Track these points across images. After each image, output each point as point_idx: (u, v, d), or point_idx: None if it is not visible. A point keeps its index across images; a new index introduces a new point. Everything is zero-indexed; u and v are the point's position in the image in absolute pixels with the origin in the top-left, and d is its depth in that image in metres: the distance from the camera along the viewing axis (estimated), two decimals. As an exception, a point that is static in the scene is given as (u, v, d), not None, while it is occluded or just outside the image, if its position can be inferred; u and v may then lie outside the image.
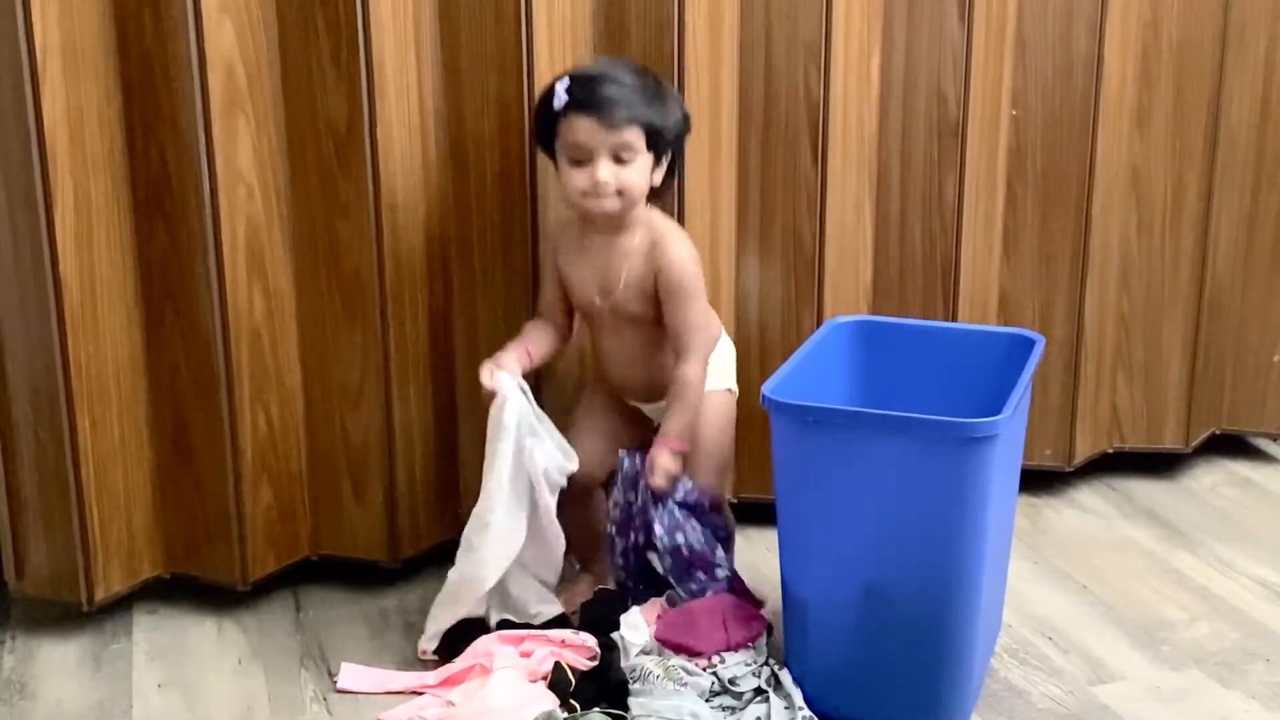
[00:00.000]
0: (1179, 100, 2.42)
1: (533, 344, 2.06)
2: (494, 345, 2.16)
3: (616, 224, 2.01)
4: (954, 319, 2.36)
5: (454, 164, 2.12)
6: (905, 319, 2.29)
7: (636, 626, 1.96)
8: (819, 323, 2.27)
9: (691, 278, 2.01)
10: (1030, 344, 1.99)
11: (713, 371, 2.08)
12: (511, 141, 2.11)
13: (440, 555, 2.25)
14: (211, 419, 2.06)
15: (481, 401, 2.06)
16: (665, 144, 1.99)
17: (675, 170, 2.06)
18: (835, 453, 1.78)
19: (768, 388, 1.82)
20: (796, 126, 2.23)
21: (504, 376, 1.98)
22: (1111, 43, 2.33)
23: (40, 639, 2.09)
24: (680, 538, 1.97)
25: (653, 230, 2.02)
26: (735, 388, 2.14)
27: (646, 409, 2.14)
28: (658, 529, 1.97)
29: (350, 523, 2.18)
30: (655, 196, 2.05)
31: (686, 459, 2.03)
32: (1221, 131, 2.46)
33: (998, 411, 1.74)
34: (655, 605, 2.07)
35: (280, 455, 2.12)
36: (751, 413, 2.24)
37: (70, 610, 2.08)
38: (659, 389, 2.07)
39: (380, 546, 2.18)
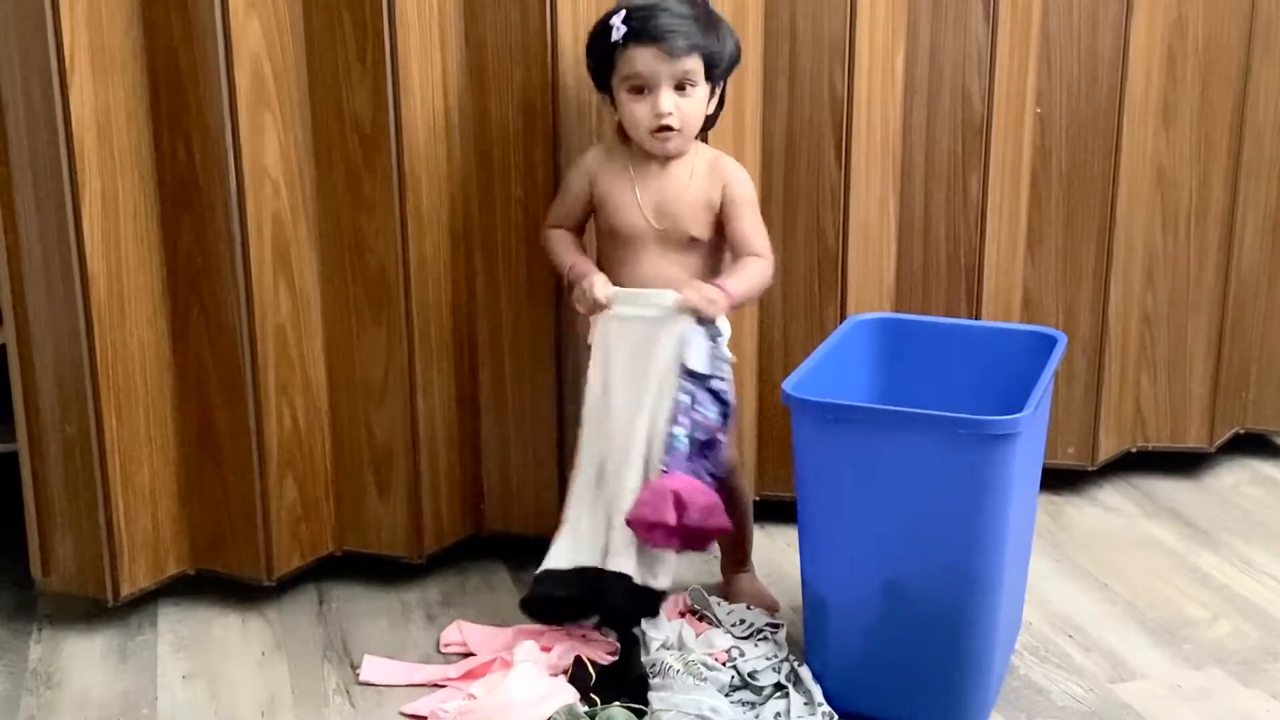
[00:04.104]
0: (1205, 98, 2.42)
1: (583, 253, 2.05)
2: (518, 342, 2.18)
3: (674, 152, 2.02)
4: (977, 316, 2.36)
5: (479, 161, 2.13)
6: (927, 316, 2.29)
7: (656, 621, 1.97)
8: (842, 319, 2.27)
9: (752, 191, 2.03)
10: (1052, 342, 1.99)
11: None
12: (536, 139, 2.12)
13: (464, 550, 2.26)
14: (237, 415, 2.08)
15: (507, 399, 2.09)
16: (720, 73, 2.00)
17: (722, 102, 2.06)
18: (856, 450, 1.78)
19: (789, 384, 1.82)
20: (820, 123, 2.23)
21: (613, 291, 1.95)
22: (1137, 40, 2.33)
23: (66, 631, 2.11)
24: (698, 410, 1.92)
25: (707, 153, 2.05)
26: (732, 355, 2.09)
27: None
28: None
29: (374, 518, 2.19)
30: (707, 127, 2.06)
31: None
32: (1247, 129, 2.45)
33: (1020, 409, 1.74)
34: (676, 601, 2.07)
35: (305, 451, 2.14)
36: (773, 409, 2.26)
37: (96, 603, 2.10)
38: None
39: (404, 542, 2.19)
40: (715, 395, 1.93)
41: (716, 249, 2.04)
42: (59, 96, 1.88)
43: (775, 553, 2.28)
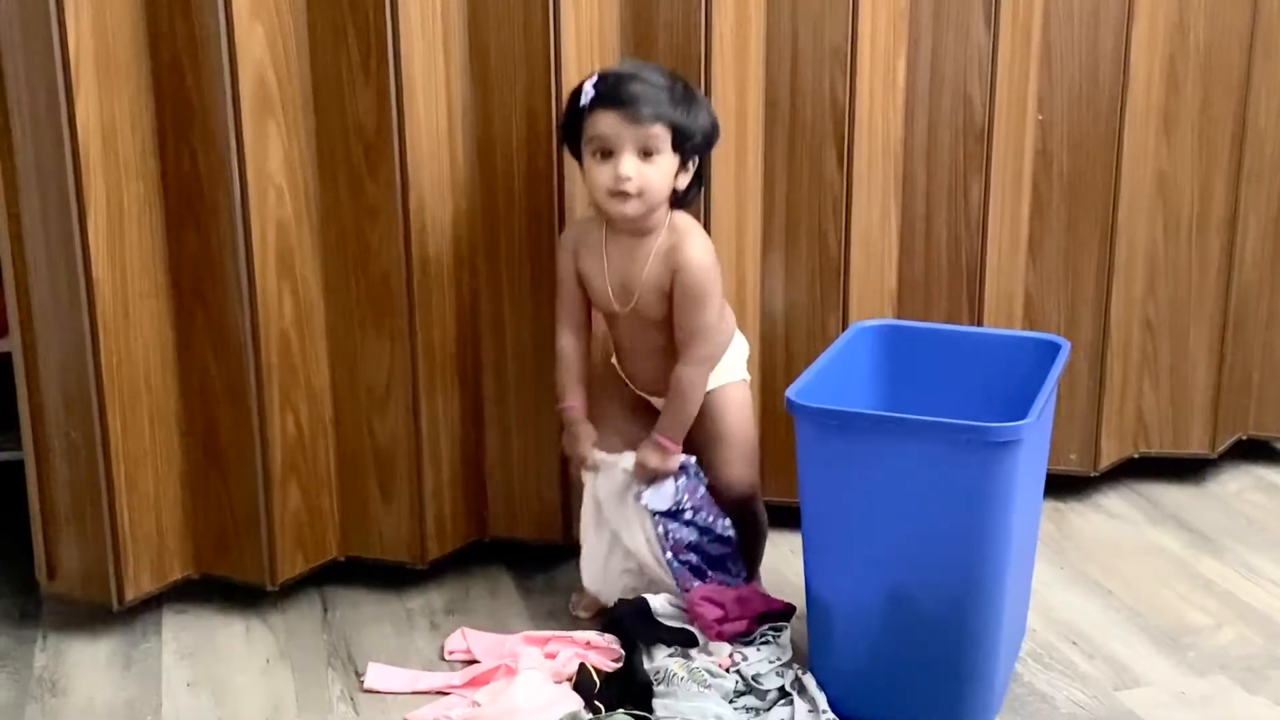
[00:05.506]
0: (1206, 104, 2.42)
1: (581, 390, 2.09)
2: (520, 347, 2.19)
3: (639, 227, 2.01)
4: (979, 323, 2.36)
5: (482, 168, 2.14)
6: (931, 323, 2.29)
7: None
8: (844, 326, 2.27)
9: (708, 281, 2.00)
10: (1056, 349, 1.99)
11: (726, 366, 2.09)
12: (539, 146, 2.12)
13: (467, 557, 2.26)
14: (241, 421, 2.08)
15: (510, 405, 2.15)
16: (691, 147, 1.98)
17: (702, 179, 2.06)
18: (860, 457, 1.78)
19: (792, 391, 1.82)
20: (822, 131, 2.24)
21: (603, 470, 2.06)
22: (1138, 47, 2.33)
23: (71, 638, 2.11)
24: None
25: (674, 231, 2.01)
26: (748, 375, 2.15)
27: (658, 402, 2.11)
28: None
29: (378, 524, 2.19)
30: (681, 204, 2.04)
31: (720, 456, 2.07)
32: (1249, 136, 2.45)
33: (1023, 416, 1.74)
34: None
35: (308, 457, 2.14)
36: (776, 416, 2.26)
37: (100, 610, 2.10)
38: None
39: (407, 548, 2.19)
40: (688, 523, 2.03)
41: None
42: (64, 105, 1.88)
43: (779, 559, 2.28)
